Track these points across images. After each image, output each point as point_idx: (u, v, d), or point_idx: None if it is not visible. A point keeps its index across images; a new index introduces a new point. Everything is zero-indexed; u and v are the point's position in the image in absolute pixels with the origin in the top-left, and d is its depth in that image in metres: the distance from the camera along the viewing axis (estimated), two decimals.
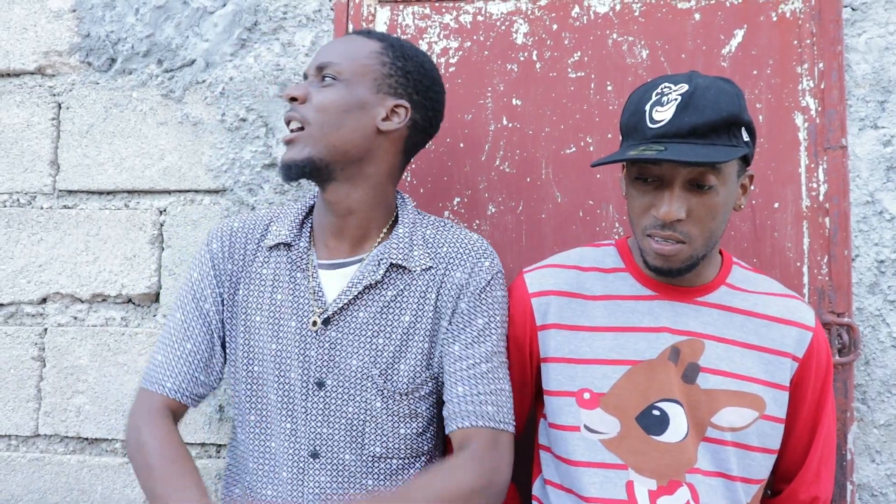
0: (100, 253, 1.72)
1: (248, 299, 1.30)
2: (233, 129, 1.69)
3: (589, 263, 1.31)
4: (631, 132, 1.17)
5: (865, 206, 1.53)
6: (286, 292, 1.28)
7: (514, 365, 1.31)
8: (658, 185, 1.14)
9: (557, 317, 1.27)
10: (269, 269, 1.30)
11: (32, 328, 1.74)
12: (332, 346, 1.24)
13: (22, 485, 1.73)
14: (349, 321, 1.25)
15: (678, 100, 1.11)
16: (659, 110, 1.12)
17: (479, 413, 1.20)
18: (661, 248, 1.15)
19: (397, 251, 1.27)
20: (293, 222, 1.32)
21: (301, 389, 1.24)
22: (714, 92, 1.11)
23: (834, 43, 1.53)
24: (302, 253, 1.30)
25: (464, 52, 1.65)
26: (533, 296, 1.29)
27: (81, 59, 1.76)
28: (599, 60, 1.60)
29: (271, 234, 1.32)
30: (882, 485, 1.51)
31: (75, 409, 1.71)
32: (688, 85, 1.12)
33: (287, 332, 1.26)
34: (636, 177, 1.17)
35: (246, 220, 1.36)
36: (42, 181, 1.76)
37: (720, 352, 1.22)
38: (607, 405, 1.21)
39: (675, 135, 1.10)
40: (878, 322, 1.52)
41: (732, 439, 1.20)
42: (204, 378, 1.30)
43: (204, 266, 1.32)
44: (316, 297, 1.26)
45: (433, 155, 1.64)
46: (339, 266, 1.29)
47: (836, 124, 1.53)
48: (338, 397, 1.24)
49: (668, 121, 1.11)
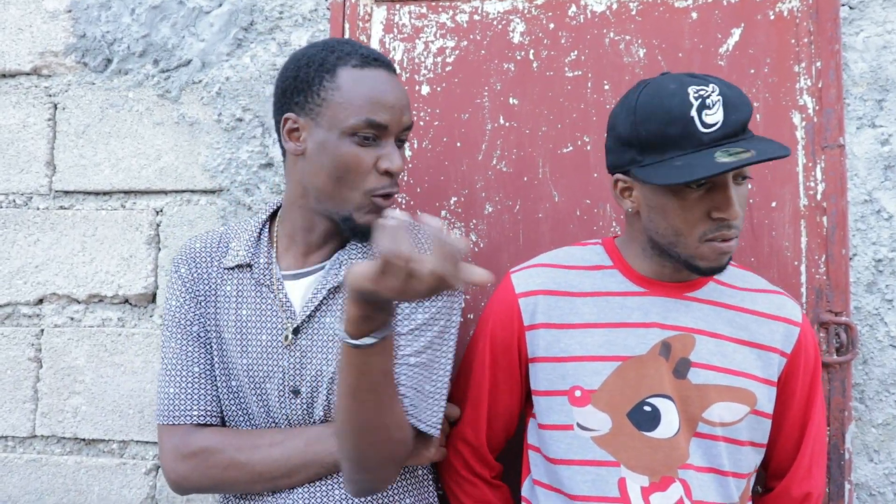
0: (96, 253, 1.72)
1: (218, 317, 1.29)
2: (229, 129, 1.69)
3: (576, 262, 1.31)
4: (678, 141, 1.12)
5: (863, 204, 1.53)
6: (252, 308, 1.27)
7: (502, 367, 1.30)
8: (710, 188, 1.13)
9: (546, 316, 1.26)
10: (233, 287, 1.29)
11: (29, 329, 1.74)
12: (303, 354, 1.24)
13: (19, 486, 1.72)
14: (317, 328, 1.24)
15: (720, 100, 1.11)
16: (708, 114, 1.11)
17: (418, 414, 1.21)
18: (728, 246, 1.15)
19: (356, 251, 1.27)
20: (249, 240, 1.30)
21: (278, 399, 1.24)
22: (732, 89, 1.14)
23: (831, 42, 1.53)
24: (263, 269, 1.28)
25: (460, 51, 1.64)
26: (520, 296, 1.29)
27: (77, 59, 1.75)
28: (596, 59, 1.60)
29: (230, 255, 1.31)
30: (880, 484, 1.50)
31: (72, 409, 1.71)
32: (714, 85, 1.13)
33: (257, 346, 1.26)
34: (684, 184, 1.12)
35: (207, 239, 1.35)
36: (38, 182, 1.76)
37: (711, 346, 1.22)
38: (598, 402, 1.21)
39: (732, 135, 1.11)
40: (876, 321, 1.51)
41: (723, 434, 1.20)
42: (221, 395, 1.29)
43: (179, 292, 1.31)
44: (284, 309, 1.26)
45: (430, 154, 1.63)
46: (303, 275, 1.28)
47: (834, 123, 1.53)
48: (313, 402, 1.24)
49: (722, 122, 1.11)
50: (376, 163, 1.20)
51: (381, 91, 1.20)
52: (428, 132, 1.64)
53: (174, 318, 1.30)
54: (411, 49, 1.65)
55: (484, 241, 1.61)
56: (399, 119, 1.22)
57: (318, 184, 1.22)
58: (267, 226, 1.34)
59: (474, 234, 1.61)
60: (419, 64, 1.65)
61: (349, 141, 1.19)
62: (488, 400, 1.31)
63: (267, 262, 1.29)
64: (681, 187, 1.12)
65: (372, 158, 1.20)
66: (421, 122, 1.64)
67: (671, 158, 1.13)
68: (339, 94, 1.19)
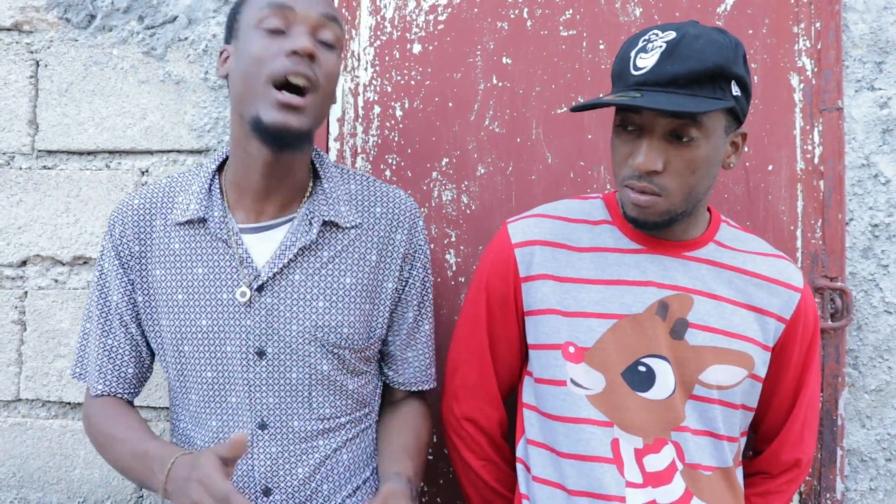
0: (80, 214, 1.68)
1: (166, 278, 1.22)
2: (216, 88, 1.65)
3: (576, 215, 1.28)
4: (616, 79, 1.14)
5: (860, 169, 1.50)
6: (207, 265, 1.20)
7: (498, 321, 1.28)
8: (639, 135, 1.11)
9: (543, 267, 1.24)
10: (184, 244, 1.21)
11: (12, 291, 1.71)
12: (268, 313, 1.18)
13: (3, 450, 1.70)
14: (285, 286, 1.19)
15: (663, 47, 1.07)
16: (643, 57, 1.09)
17: (427, 378, 1.35)
18: (637, 198, 1.12)
19: (326, 208, 1.21)
20: (200, 192, 1.21)
21: (240, 362, 1.18)
22: (703, 42, 1.07)
23: (831, 2, 1.50)
24: (218, 222, 1.20)
25: (453, 8, 1.60)
26: (516, 246, 1.26)
27: (59, 15, 1.71)
28: (592, 18, 1.56)
29: (178, 209, 1.22)
30: (872, 450, 1.50)
31: (57, 373, 1.68)
32: (676, 33, 1.08)
33: (216, 305, 1.19)
34: (618, 125, 1.14)
35: (147, 193, 1.26)
36: (20, 141, 1.71)
37: (709, 308, 1.19)
38: (592, 360, 1.19)
39: (655, 83, 1.07)
40: (872, 287, 1.50)
41: (719, 397, 1.18)
42: (134, 370, 1.28)
43: (108, 255, 1.25)
44: (245, 265, 1.19)
45: (421, 114, 1.60)
46: (265, 229, 1.21)
47: (833, 86, 1.50)
48: (280, 364, 1.19)
49: (649, 68, 1.07)
50: (283, 48, 1.09)
51: None
52: (419, 92, 1.60)
53: (98, 283, 1.28)
54: (402, 6, 1.61)
55: (476, 203, 1.58)
56: (311, 6, 1.12)
57: (237, 93, 1.14)
58: (217, 176, 1.25)
59: (466, 196, 1.59)
60: (410, 22, 1.61)
61: (256, 33, 1.11)
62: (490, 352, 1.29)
63: (221, 215, 1.20)
64: (618, 128, 1.14)
65: (278, 46, 1.10)
66: (412, 81, 1.60)
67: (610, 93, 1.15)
68: (248, 3, 1.15)
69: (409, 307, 1.30)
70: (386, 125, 1.61)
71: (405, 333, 1.31)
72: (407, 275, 1.29)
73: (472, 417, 1.32)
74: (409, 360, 1.32)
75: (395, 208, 1.27)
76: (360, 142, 1.62)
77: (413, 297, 1.30)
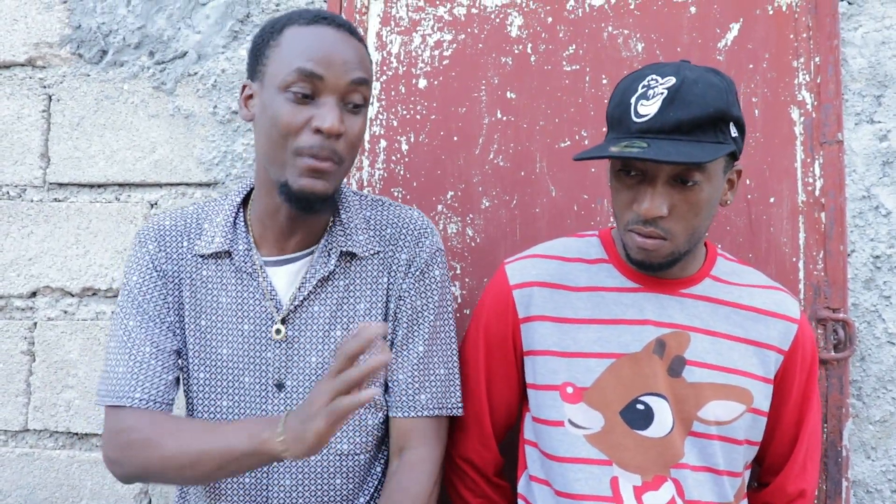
0: (90, 246, 1.71)
1: (194, 302, 1.22)
2: (224, 122, 1.68)
3: (573, 254, 1.29)
4: (615, 125, 1.15)
5: (861, 201, 1.52)
6: (231, 295, 1.21)
7: (497, 361, 1.29)
8: (641, 180, 1.12)
9: (541, 308, 1.25)
10: (211, 272, 1.22)
11: (22, 322, 1.73)
12: (289, 345, 1.19)
13: (11, 480, 1.71)
14: (305, 318, 1.20)
15: (664, 94, 1.08)
16: (644, 104, 1.10)
17: (415, 404, 1.23)
18: (644, 243, 1.13)
19: (344, 238, 1.23)
20: (226, 225, 1.22)
21: (258, 393, 1.19)
22: (702, 86, 1.08)
23: (830, 37, 1.52)
24: (243, 256, 1.21)
25: (458, 44, 1.63)
26: (514, 287, 1.27)
27: (72, 50, 1.74)
28: (594, 53, 1.59)
29: (204, 240, 1.23)
30: (877, 481, 1.50)
31: (65, 403, 1.70)
32: (675, 78, 1.09)
33: (238, 335, 1.20)
34: (619, 169, 1.15)
35: (176, 217, 1.26)
36: (32, 174, 1.74)
37: (706, 344, 1.20)
38: (591, 399, 1.20)
39: (659, 130, 1.08)
40: (874, 318, 1.51)
41: (718, 433, 1.19)
42: (174, 378, 1.21)
43: (143, 268, 1.22)
44: (270, 298, 1.20)
45: (427, 148, 1.63)
46: (286, 262, 1.22)
47: (833, 119, 1.52)
48: (299, 396, 1.19)
49: (652, 116, 1.08)
50: (310, 121, 1.09)
51: (320, 44, 1.10)
52: (425, 126, 1.63)
53: (131, 295, 1.21)
54: (408, 42, 1.64)
55: (480, 237, 1.60)
56: (340, 74, 1.10)
57: (262, 148, 1.15)
58: (241, 210, 1.26)
59: (471, 229, 1.61)
60: (416, 57, 1.64)
61: (283, 97, 1.09)
62: (486, 393, 1.30)
63: (246, 248, 1.22)
64: (619, 172, 1.14)
65: (305, 117, 1.09)
66: (418, 115, 1.63)
67: (608, 140, 1.15)
68: (278, 51, 1.12)
69: (399, 323, 1.25)
70: (392, 159, 1.64)
71: (394, 352, 1.25)
72: (403, 291, 1.25)
73: (468, 458, 1.33)
74: (398, 382, 1.23)
75: (402, 228, 1.27)
76: (367, 175, 1.65)
77: (404, 312, 1.24)
